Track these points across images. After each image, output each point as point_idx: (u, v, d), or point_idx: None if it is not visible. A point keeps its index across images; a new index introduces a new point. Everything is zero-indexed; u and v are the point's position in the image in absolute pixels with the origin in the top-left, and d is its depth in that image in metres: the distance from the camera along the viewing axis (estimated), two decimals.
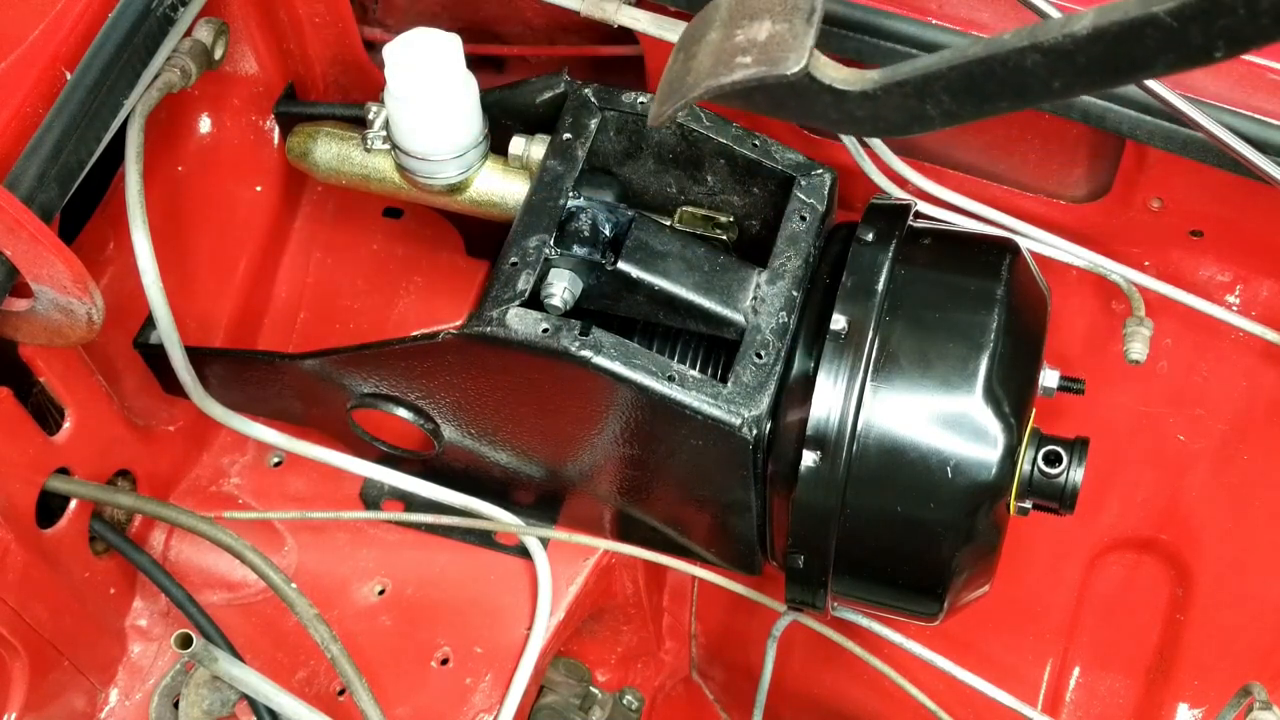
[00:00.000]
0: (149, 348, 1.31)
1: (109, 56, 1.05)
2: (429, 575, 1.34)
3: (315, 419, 1.33)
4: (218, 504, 1.35)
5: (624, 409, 1.10)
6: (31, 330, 1.07)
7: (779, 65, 0.71)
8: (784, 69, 0.71)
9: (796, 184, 1.17)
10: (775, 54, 0.71)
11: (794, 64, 0.70)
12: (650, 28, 1.23)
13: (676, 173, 1.22)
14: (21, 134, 0.99)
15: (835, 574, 1.12)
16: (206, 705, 1.18)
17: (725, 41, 0.75)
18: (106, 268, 1.30)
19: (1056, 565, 1.51)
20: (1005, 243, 1.14)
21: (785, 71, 0.71)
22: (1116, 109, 1.14)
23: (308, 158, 1.31)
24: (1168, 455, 1.46)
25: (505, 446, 1.24)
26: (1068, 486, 1.09)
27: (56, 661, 1.18)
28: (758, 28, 0.74)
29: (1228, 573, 1.45)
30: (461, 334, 1.10)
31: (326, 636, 1.12)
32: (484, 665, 1.29)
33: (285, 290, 1.45)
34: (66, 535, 1.18)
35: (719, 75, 0.73)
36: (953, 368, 1.05)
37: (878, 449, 1.05)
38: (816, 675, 1.56)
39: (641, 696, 1.54)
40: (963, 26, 1.15)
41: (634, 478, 1.21)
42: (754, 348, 1.09)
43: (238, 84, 1.35)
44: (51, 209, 1.01)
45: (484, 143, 1.23)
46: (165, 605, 1.29)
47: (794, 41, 0.72)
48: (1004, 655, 1.50)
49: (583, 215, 1.15)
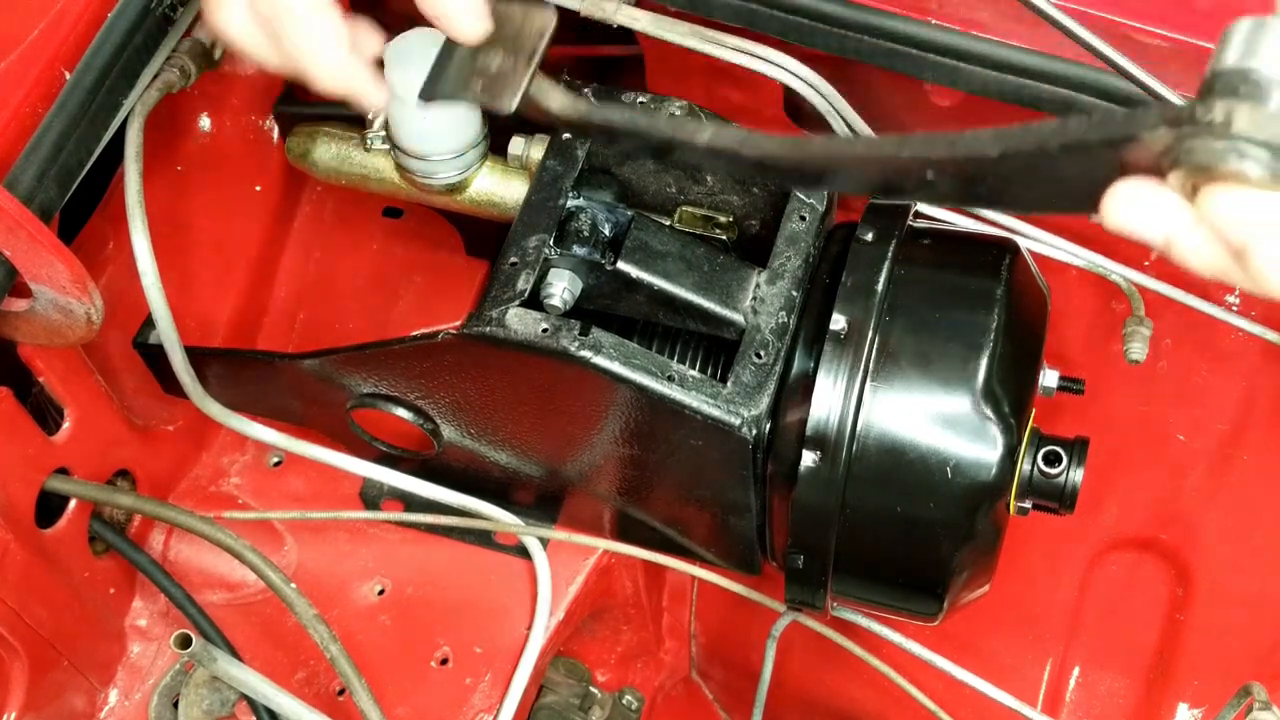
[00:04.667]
0: (148, 348, 1.31)
1: (109, 56, 1.05)
2: (429, 575, 1.34)
3: (315, 419, 1.33)
4: (217, 504, 1.35)
5: (623, 409, 1.10)
6: (31, 330, 1.07)
7: (497, 100, 0.85)
8: (499, 104, 0.85)
9: None
10: (497, 88, 0.85)
11: (508, 103, 0.84)
12: (650, 28, 1.23)
13: (676, 173, 1.21)
14: (21, 134, 0.99)
15: (835, 574, 1.12)
16: (206, 705, 1.18)
17: (471, 59, 0.87)
18: (106, 268, 1.30)
19: (1056, 565, 1.51)
20: (1005, 243, 1.14)
21: (500, 106, 0.84)
22: (1116, 109, 1.13)
23: (307, 158, 1.31)
24: (1168, 455, 1.46)
25: (505, 446, 1.24)
26: (1068, 486, 1.09)
27: (56, 661, 1.18)
28: (494, 57, 0.86)
29: (1228, 573, 1.45)
30: (461, 334, 1.10)
31: (326, 636, 1.12)
32: (484, 665, 1.29)
33: (285, 290, 1.45)
34: (66, 535, 1.18)
35: (459, 91, 0.87)
36: (952, 367, 1.05)
37: (877, 449, 1.05)
38: (816, 675, 1.56)
39: (641, 696, 1.54)
40: (963, 26, 1.15)
41: (633, 477, 1.21)
42: (753, 348, 1.09)
43: (238, 84, 1.35)
44: (51, 209, 1.01)
45: (483, 143, 1.23)
46: (165, 605, 1.29)
47: (513, 81, 0.85)
48: (1004, 655, 1.50)
49: (582, 215, 1.15)
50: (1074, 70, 1.13)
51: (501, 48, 0.87)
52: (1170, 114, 0.55)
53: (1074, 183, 0.61)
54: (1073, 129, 0.59)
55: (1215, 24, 1.15)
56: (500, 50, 0.87)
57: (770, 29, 1.19)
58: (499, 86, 0.85)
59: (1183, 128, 0.55)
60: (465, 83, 0.87)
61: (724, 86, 1.32)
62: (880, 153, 0.71)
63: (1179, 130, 0.55)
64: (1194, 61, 1.12)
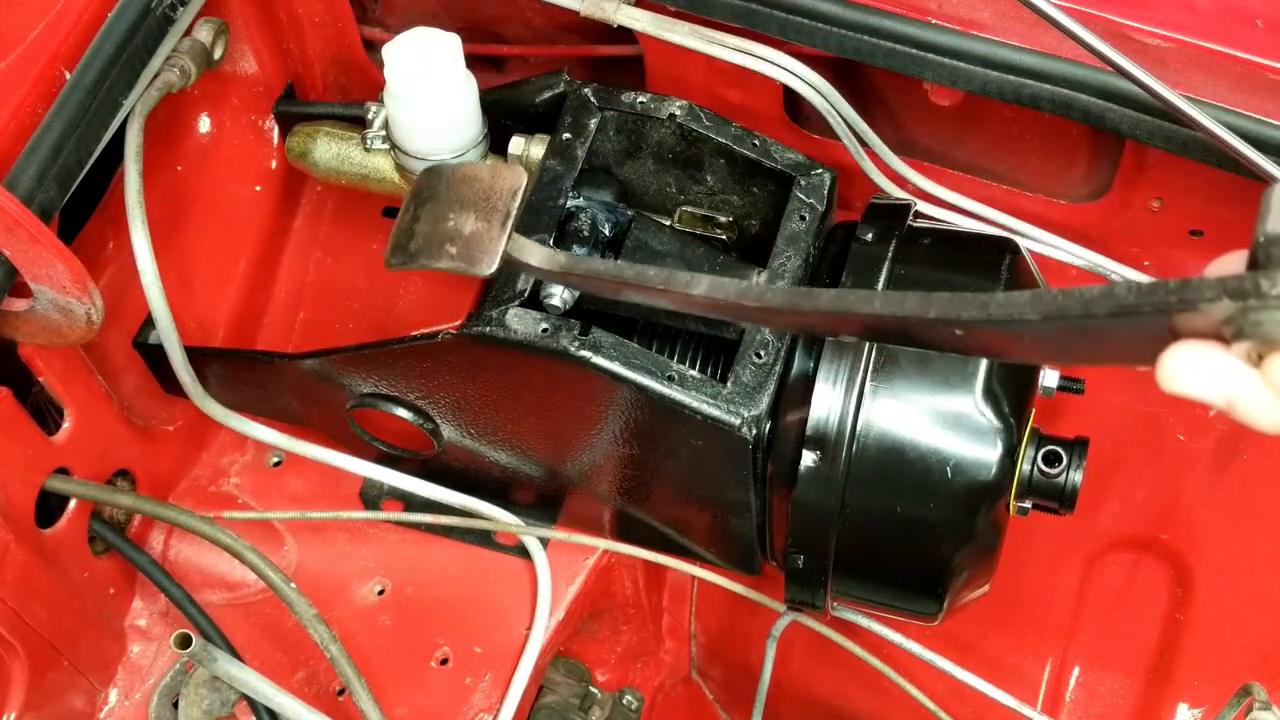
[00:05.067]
0: (148, 348, 1.31)
1: (108, 56, 1.05)
2: (429, 575, 1.34)
3: (315, 419, 1.33)
4: (217, 504, 1.35)
5: (623, 409, 1.10)
6: (31, 330, 1.07)
7: (475, 265, 0.83)
8: (478, 269, 0.82)
9: (796, 184, 1.16)
10: (473, 252, 0.83)
11: (486, 267, 0.82)
12: (650, 28, 1.23)
13: (676, 172, 1.21)
14: (21, 134, 0.99)
15: (835, 574, 1.12)
16: (206, 705, 1.18)
17: (440, 222, 0.85)
18: (106, 268, 1.30)
19: (1056, 565, 1.51)
20: (1005, 242, 1.14)
21: (479, 271, 0.82)
22: (1116, 109, 1.14)
23: (307, 157, 1.31)
24: (1168, 455, 1.45)
25: (505, 446, 1.24)
26: (1067, 486, 1.09)
27: (56, 661, 1.18)
28: (465, 219, 0.84)
29: (1228, 573, 1.45)
30: (461, 334, 1.10)
31: (326, 636, 1.12)
32: (484, 665, 1.29)
33: (285, 290, 1.45)
34: (66, 535, 1.18)
35: (432, 256, 0.85)
36: (952, 367, 1.05)
37: (877, 449, 1.05)
38: (816, 675, 1.56)
39: (641, 696, 1.54)
40: (963, 26, 1.15)
41: (633, 477, 1.21)
42: (753, 347, 1.09)
43: (237, 84, 1.35)
44: (51, 209, 1.01)
45: (483, 142, 1.23)
46: (165, 605, 1.29)
47: (489, 244, 0.83)
48: (1004, 655, 1.50)
49: (582, 215, 1.15)
50: (1074, 70, 1.13)
51: (473, 210, 0.85)
52: (1232, 286, 0.54)
53: (1121, 345, 0.60)
54: (1122, 295, 0.57)
55: (1215, 24, 1.15)
56: (472, 212, 0.84)
57: (770, 29, 1.19)
58: (475, 250, 0.83)
59: (1248, 301, 0.54)
60: (439, 249, 0.84)
61: (724, 86, 1.32)
62: (901, 311, 0.66)
63: (1243, 303, 0.54)
64: (1194, 61, 1.12)
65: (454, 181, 0.87)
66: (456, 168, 0.88)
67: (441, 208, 0.86)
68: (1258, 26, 1.13)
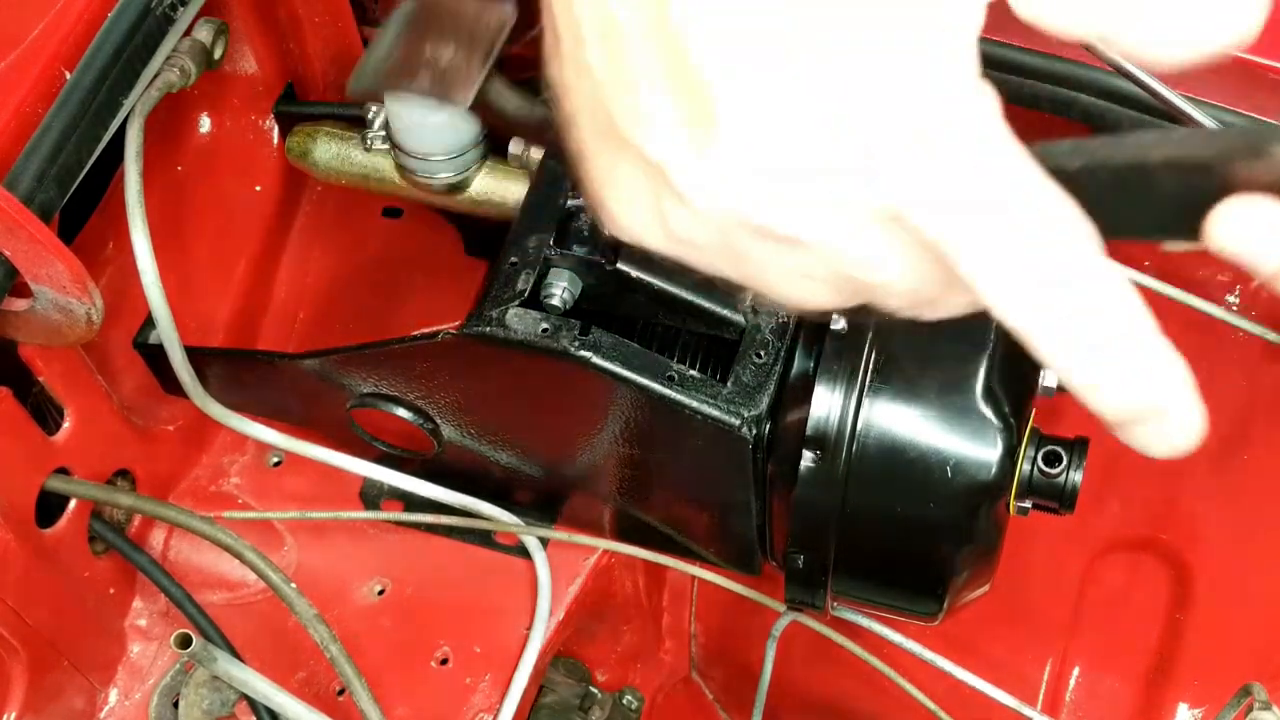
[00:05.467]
0: (148, 347, 1.31)
1: (108, 56, 1.05)
2: (429, 575, 1.34)
3: (315, 419, 1.33)
4: (217, 504, 1.35)
5: (623, 409, 1.10)
6: (30, 330, 1.07)
7: (449, 94, 0.77)
8: (452, 99, 0.76)
9: None
10: (449, 83, 0.78)
11: (461, 99, 0.76)
12: None
13: None
14: (20, 134, 0.99)
15: (835, 574, 1.11)
16: (206, 705, 1.18)
17: (416, 51, 0.79)
18: (106, 268, 1.30)
19: (1056, 565, 1.51)
20: None
21: (454, 101, 0.76)
22: (1116, 109, 1.13)
23: (307, 157, 1.31)
24: None
25: (505, 446, 1.24)
26: (1068, 486, 1.08)
27: (56, 661, 1.18)
28: (443, 49, 0.78)
29: (1228, 573, 1.45)
30: (461, 334, 1.10)
31: (326, 636, 1.12)
32: (484, 665, 1.29)
33: (285, 290, 1.45)
34: (66, 535, 1.18)
35: (403, 83, 0.79)
36: (952, 367, 1.05)
37: (877, 448, 1.05)
38: (816, 675, 1.56)
39: (641, 696, 1.54)
40: None
41: (633, 477, 1.21)
42: (753, 347, 1.09)
43: (237, 84, 1.35)
44: (51, 209, 1.01)
45: (483, 142, 1.23)
46: (165, 605, 1.29)
47: (467, 75, 0.77)
48: (1004, 655, 1.50)
49: (582, 215, 1.15)
50: (1074, 70, 1.13)
51: (454, 40, 0.79)
52: None
53: (1167, 204, 0.52)
54: (1181, 140, 0.50)
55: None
56: (452, 43, 0.79)
57: None
58: (450, 80, 0.77)
59: None
60: (412, 73, 0.78)
61: None
62: None
63: None
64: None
65: (436, 11, 0.81)
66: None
67: (418, 37, 0.79)
68: None
